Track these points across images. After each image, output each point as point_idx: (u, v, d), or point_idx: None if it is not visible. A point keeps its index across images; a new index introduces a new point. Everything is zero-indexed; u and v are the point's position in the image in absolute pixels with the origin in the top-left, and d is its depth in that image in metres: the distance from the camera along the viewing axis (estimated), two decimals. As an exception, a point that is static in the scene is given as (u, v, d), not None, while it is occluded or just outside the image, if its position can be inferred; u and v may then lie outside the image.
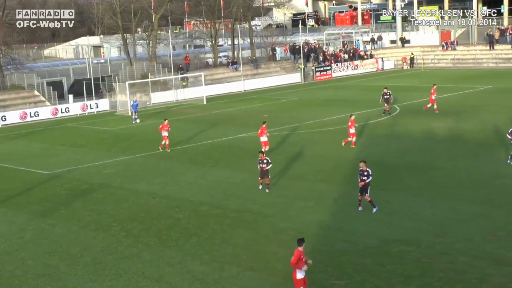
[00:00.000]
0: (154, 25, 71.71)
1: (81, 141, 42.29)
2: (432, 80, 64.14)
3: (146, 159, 35.06)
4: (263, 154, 26.59)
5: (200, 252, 20.13)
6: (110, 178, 30.94)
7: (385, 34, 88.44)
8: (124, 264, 19.57)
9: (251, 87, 67.60)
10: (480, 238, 19.95)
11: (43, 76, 63.13)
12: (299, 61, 74.45)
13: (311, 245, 20.28)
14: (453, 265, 17.94)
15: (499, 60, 74.00)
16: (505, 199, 23.94)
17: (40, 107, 54.97)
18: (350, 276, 17.59)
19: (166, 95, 61.73)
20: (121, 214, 24.81)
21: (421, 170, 28.98)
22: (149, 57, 70.96)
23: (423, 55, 79.59)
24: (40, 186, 30.36)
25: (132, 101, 50.14)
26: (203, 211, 24.56)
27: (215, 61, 75.05)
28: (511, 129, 29.77)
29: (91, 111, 55.83)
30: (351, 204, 24.30)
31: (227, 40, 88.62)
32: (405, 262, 18.33)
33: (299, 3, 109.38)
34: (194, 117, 50.14)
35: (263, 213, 23.89)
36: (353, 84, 66.62)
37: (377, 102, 45.96)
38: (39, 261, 20.34)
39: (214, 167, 32.09)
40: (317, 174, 29.34)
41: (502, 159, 29.92)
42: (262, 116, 47.62)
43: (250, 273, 18.25)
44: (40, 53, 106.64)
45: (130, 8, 71.22)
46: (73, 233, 22.94)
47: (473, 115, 42.37)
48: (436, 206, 23.34)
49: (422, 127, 39.26)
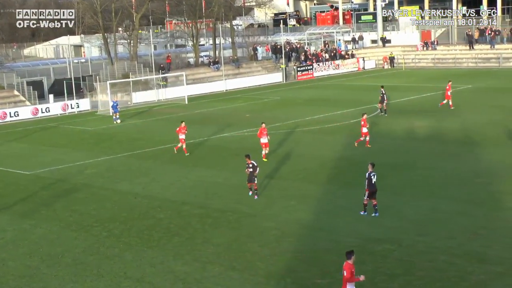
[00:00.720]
0: (135, 25, 71.40)
1: (62, 141, 42.00)
2: (412, 79, 64.69)
3: (128, 159, 34.90)
4: (249, 158, 25.64)
5: (182, 252, 20.08)
6: (92, 178, 30.76)
7: (366, 34, 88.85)
8: (106, 264, 19.46)
9: (232, 86, 67.55)
10: (461, 236, 20.10)
11: (23, 75, 62.59)
12: (280, 60, 74.52)
13: (294, 244, 20.33)
14: (434, 263, 18.06)
15: (478, 60, 74.63)
16: (486, 197, 24.15)
17: (20, 107, 54.50)
18: (333, 275, 17.63)
19: (147, 94, 61.51)
20: (102, 214, 24.67)
21: (402, 169, 29.15)
22: (130, 57, 70.64)
23: (404, 55, 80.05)
24: (20, 186, 30.10)
25: (112, 102, 49.85)
26: (185, 211, 24.50)
27: (197, 60, 74.89)
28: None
29: (72, 111, 55.46)
30: (333, 204, 24.39)
31: (208, 40, 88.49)
32: (387, 261, 18.42)
33: (280, 3, 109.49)
34: (176, 117, 49.89)
35: (245, 212, 23.88)
36: (335, 84, 66.83)
37: (358, 101, 46.16)
38: (20, 262, 20.16)
39: (197, 166, 32.02)
40: (299, 173, 29.39)
41: (482, 158, 30.20)
42: (244, 116, 47.69)
43: (232, 273, 18.23)
44: (19, 53, 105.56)
45: (110, 7, 70.79)
46: (54, 233, 22.78)
47: (454, 115, 42.67)
48: (418, 205, 23.48)
49: (404, 127, 39.49)
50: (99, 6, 68.96)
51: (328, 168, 30.05)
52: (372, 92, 56.67)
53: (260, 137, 32.32)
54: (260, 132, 32.32)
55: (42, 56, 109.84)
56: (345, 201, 24.57)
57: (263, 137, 32.18)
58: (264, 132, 32.14)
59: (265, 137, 32.18)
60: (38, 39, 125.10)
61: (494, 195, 24.38)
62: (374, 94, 55.22)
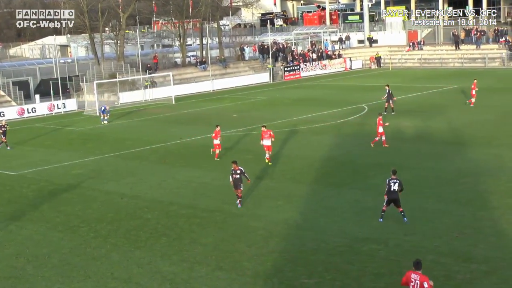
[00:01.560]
0: (122, 25, 71.17)
1: (48, 141, 41.80)
2: (398, 79, 64.90)
3: (115, 159, 34.80)
4: (236, 164, 24.63)
5: (170, 252, 20.06)
6: (79, 179, 30.64)
7: (353, 34, 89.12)
8: (93, 265, 19.40)
9: (220, 86, 67.52)
10: (447, 235, 20.21)
11: (8, 75, 62.22)
12: (267, 60, 74.57)
13: (281, 244, 20.36)
14: (421, 262, 18.14)
15: (464, 60, 75.08)
16: (471, 197, 24.31)
17: (6, 107, 54.19)
18: (320, 275, 17.69)
19: (134, 95, 61.36)
20: (89, 215, 24.58)
21: (388, 169, 29.04)
22: (117, 57, 70.40)
23: (391, 55, 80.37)
24: (6, 187, 29.92)
25: (103, 106, 49.02)
26: (172, 211, 24.47)
27: (184, 60, 74.79)
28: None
29: (58, 111, 55.21)
30: (321, 203, 24.45)
31: (195, 40, 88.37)
32: (374, 261, 18.49)
33: (267, 3, 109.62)
34: (163, 117, 49.92)
35: (232, 212, 23.89)
36: (322, 84, 66.97)
37: (345, 101, 46.29)
38: (6, 263, 20.04)
39: (184, 167, 31.98)
40: (286, 173, 29.43)
41: (468, 158, 30.39)
42: (231, 116, 47.69)
43: (219, 273, 18.24)
44: (5, 53, 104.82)
45: (97, 7, 70.54)
46: (41, 234, 22.67)
47: (440, 114, 42.91)
48: (404, 205, 23.51)
49: (390, 126, 39.55)
50: (86, 6, 68.67)
51: (316, 168, 30.11)
52: (359, 92, 56.92)
53: (263, 139, 31.51)
54: (262, 135, 31.59)
55: (28, 56, 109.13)
56: (333, 201, 24.64)
57: (267, 140, 31.39)
58: (266, 135, 31.34)
59: (268, 139, 31.38)
60: (24, 39, 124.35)
61: (480, 195, 24.54)
62: (361, 94, 55.51)
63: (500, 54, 73.16)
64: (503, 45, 73.73)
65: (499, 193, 24.44)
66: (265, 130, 31.57)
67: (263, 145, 31.66)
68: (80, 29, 75.48)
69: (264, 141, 31.53)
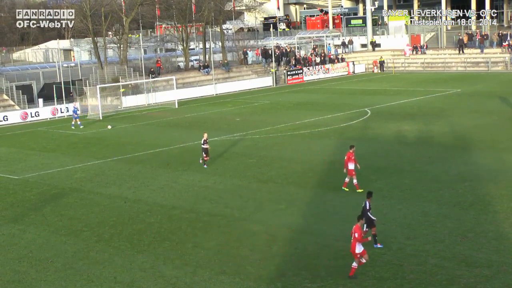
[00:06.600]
0: (125, 29, 71.31)
1: (51, 145, 41.88)
2: (401, 83, 64.92)
3: (117, 163, 34.84)
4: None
5: (173, 256, 20.08)
6: (81, 183, 30.70)
7: (356, 38, 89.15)
8: (96, 269, 19.43)
9: (222, 90, 67.60)
10: (449, 239, 20.21)
11: (12, 80, 62.33)
12: (270, 64, 74.63)
13: (284, 248, 20.37)
14: (423, 267, 18.15)
15: (467, 64, 75.00)
16: (473, 201, 24.29)
17: (9, 111, 54.31)
18: (323, 279, 17.70)
19: (137, 98, 61.42)
20: (92, 219, 24.62)
21: (390, 172, 29.25)
22: (120, 61, 70.52)
23: (393, 59, 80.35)
24: (9, 191, 29.98)
25: (73, 107, 49.09)
26: (175, 215, 24.50)
27: (187, 64, 74.88)
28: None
29: (61, 115, 55.29)
30: (322, 207, 24.46)
31: (198, 44, 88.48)
32: (376, 265, 18.49)
33: (270, 7, 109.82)
34: (166, 121, 49.97)
35: (235, 216, 23.91)
36: (325, 88, 66.97)
37: (348, 105, 46.29)
38: (9, 267, 20.09)
39: (186, 171, 32.02)
40: (288, 177, 29.44)
41: (470, 161, 30.37)
42: (234, 120, 47.73)
43: (222, 277, 18.25)
44: (8, 57, 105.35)
45: (100, 11, 70.72)
46: (44, 238, 22.72)
47: (442, 118, 42.89)
48: (406, 209, 23.59)
49: (392, 130, 39.63)
50: (89, 10, 68.84)
51: (318, 172, 30.12)
52: (362, 96, 56.95)
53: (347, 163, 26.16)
54: (347, 158, 26.21)
55: (31, 60, 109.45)
56: (335, 205, 24.66)
57: (351, 163, 26.07)
58: (352, 158, 26.09)
59: (352, 163, 26.04)
60: (27, 43, 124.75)
61: (482, 199, 24.52)
62: (364, 98, 55.56)
63: (503, 58, 73.11)
64: (506, 49, 73.70)
65: (501, 197, 24.43)
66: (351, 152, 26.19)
67: (348, 169, 26.19)
68: (83, 33, 75.75)
69: (349, 165, 26.10)
